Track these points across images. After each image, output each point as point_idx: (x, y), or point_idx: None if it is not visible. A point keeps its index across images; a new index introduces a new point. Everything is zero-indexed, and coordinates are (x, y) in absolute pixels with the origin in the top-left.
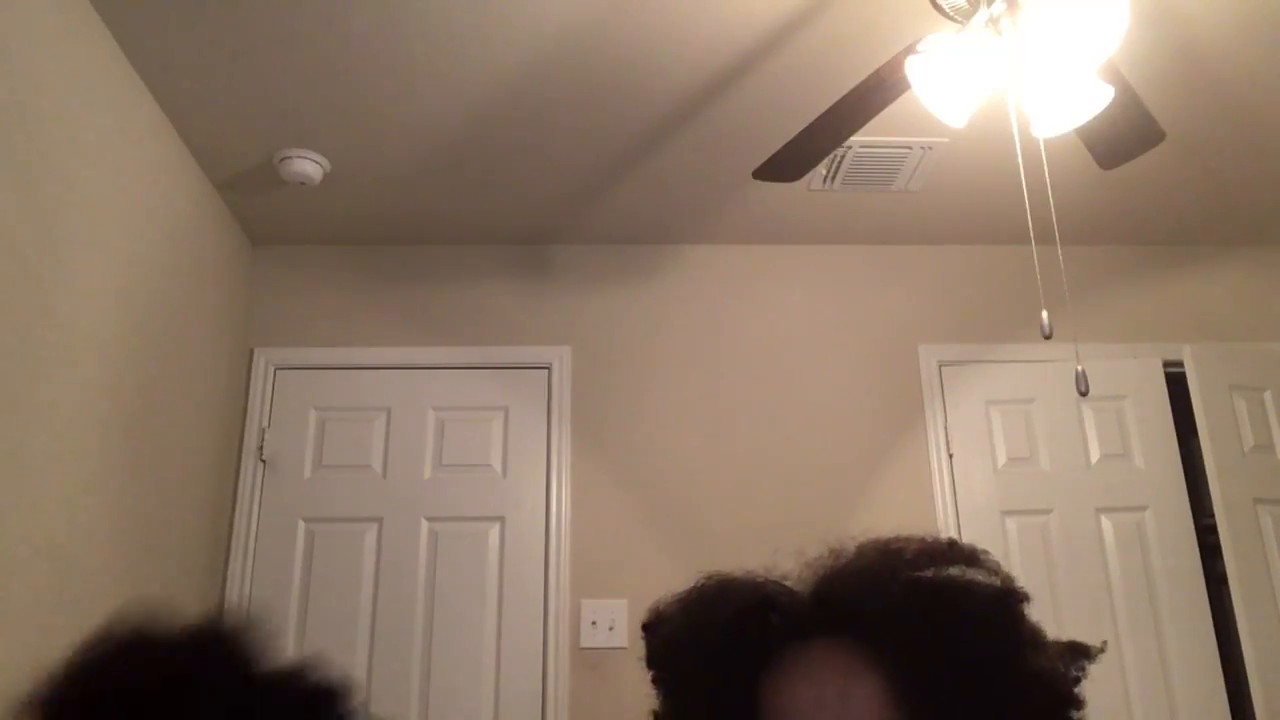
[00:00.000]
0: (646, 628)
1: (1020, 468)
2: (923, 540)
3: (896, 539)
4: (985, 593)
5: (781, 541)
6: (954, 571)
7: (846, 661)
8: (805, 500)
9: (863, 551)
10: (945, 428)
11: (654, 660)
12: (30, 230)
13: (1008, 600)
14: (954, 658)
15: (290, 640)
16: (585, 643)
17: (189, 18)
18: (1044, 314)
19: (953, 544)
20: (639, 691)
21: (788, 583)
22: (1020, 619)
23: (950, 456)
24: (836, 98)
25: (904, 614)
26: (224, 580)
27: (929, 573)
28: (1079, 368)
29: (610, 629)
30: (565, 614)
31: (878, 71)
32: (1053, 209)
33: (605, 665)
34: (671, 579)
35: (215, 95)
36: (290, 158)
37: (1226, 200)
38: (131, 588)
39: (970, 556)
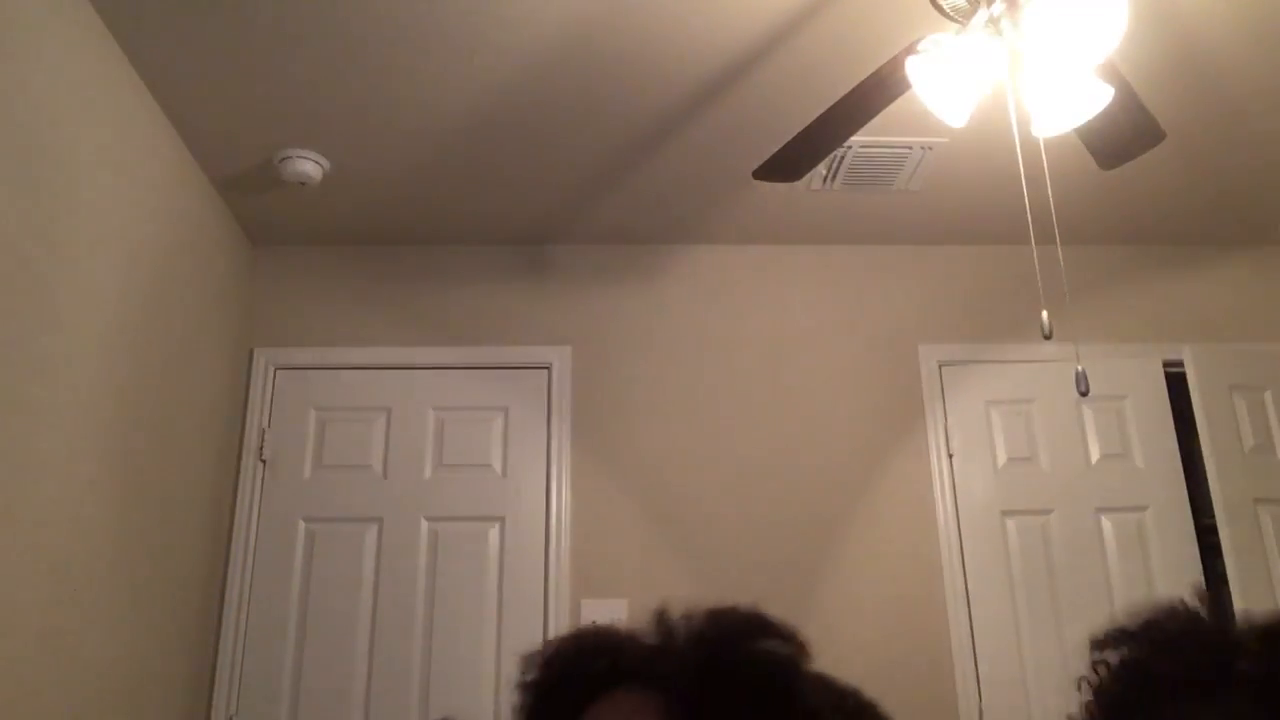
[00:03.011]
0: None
1: (1020, 468)
2: (743, 612)
3: (723, 609)
4: (766, 659)
5: (781, 539)
6: (762, 643)
7: (635, 708)
8: (805, 500)
9: (696, 615)
10: (945, 428)
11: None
12: (30, 230)
13: (784, 671)
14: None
15: (290, 640)
16: None
17: (190, 18)
18: (1044, 314)
19: (762, 619)
20: None
21: (647, 638)
22: (795, 691)
23: (950, 456)
24: (837, 98)
25: (689, 671)
26: (224, 580)
27: (732, 640)
28: (1079, 368)
29: None
30: (565, 614)
31: (878, 71)
32: (1053, 209)
33: None
34: (671, 579)
35: (215, 95)
36: (290, 158)
37: (1226, 200)
38: (132, 588)
39: (781, 633)
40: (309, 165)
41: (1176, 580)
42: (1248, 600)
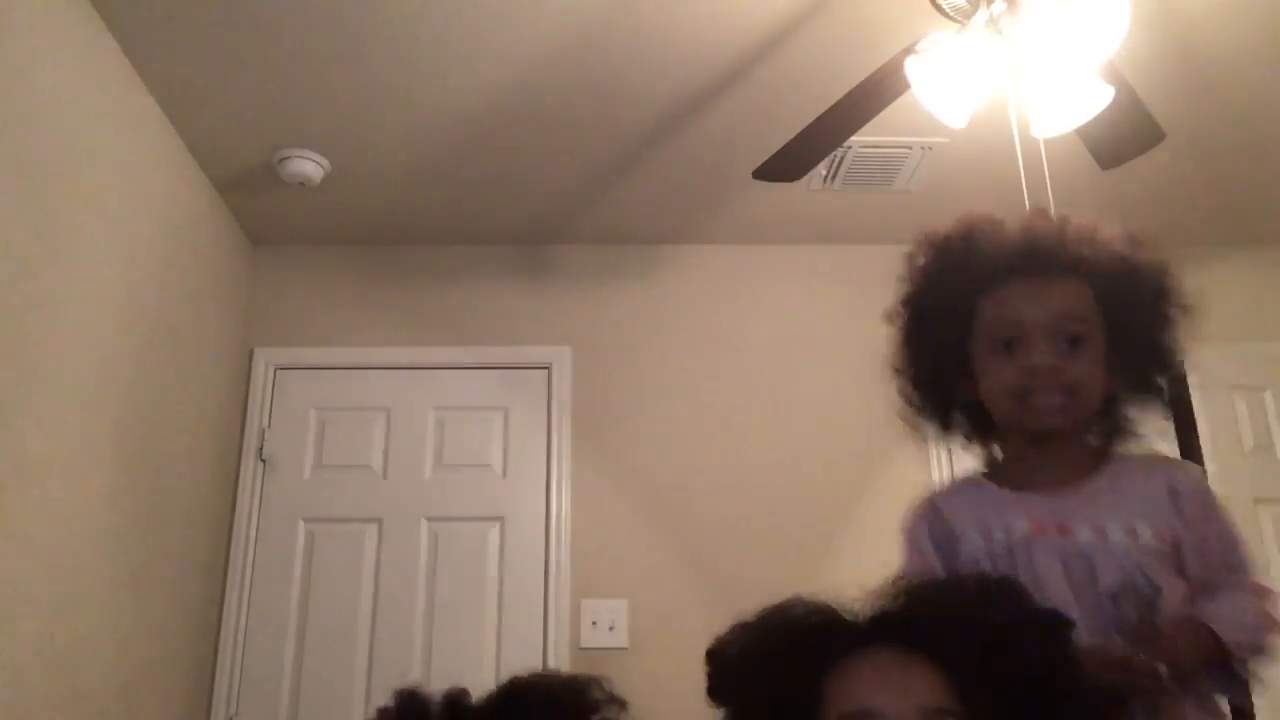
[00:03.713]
0: (711, 654)
1: None
2: (971, 579)
3: (952, 578)
4: (1028, 616)
5: (781, 540)
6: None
7: (906, 656)
8: (805, 499)
9: (918, 586)
10: None
11: (716, 681)
12: (30, 230)
13: (1051, 625)
14: (1000, 666)
15: (290, 640)
16: (585, 643)
17: (189, 18)
18: None
19: (998, 585)
20: (639, 692)
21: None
22: (1064, 642)
23: (950, 456)
24: (837, 98)
25: (957, 629)
26: (224, 580)
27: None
28: None
29: (610, 629)
30: (565, 614)
31: (878, 71)
32: (1053, 209)
33: (605, 665)
34: (671, 579)
35: (215, 95)
36: (290, 158)
37: (1226, 200)
38: (131, 588)
39: (1015, 594)
40: (309, 165)
41: None
42: None
